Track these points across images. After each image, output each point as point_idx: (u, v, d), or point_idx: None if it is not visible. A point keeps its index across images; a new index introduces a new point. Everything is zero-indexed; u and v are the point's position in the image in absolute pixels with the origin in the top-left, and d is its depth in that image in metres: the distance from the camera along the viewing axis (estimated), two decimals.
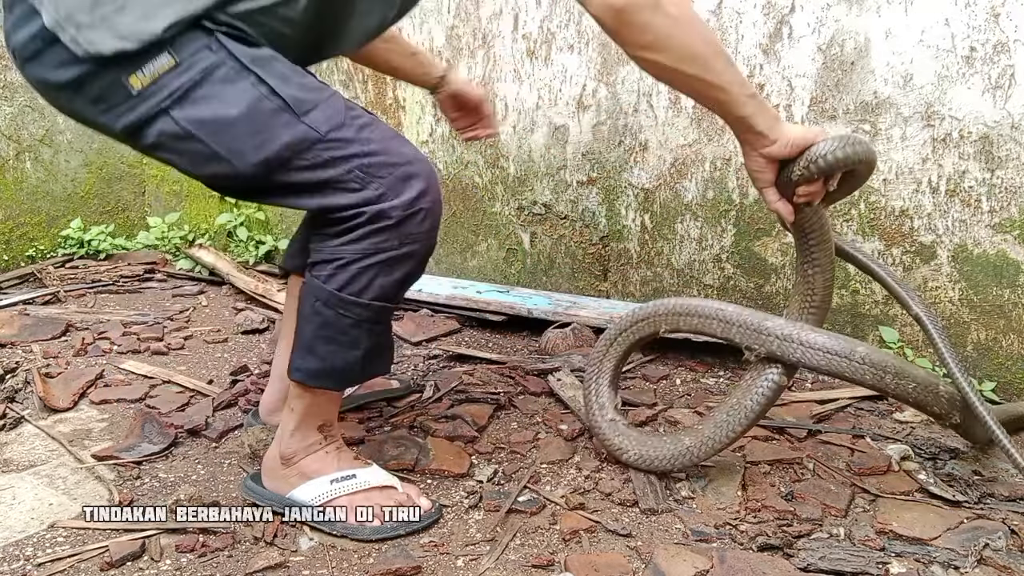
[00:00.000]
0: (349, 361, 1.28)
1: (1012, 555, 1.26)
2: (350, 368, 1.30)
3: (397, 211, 1.20)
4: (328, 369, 1.29)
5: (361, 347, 1.28)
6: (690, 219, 2.14)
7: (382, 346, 1.33)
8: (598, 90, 2.20)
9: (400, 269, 1.25)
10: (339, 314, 1.25)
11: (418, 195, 1.22)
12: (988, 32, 1.71)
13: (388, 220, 1.21)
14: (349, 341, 1.27)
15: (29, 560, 1.24)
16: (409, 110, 2.55)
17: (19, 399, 1.82)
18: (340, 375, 1.30)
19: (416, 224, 1.22)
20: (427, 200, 1.23)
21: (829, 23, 1.86)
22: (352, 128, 1.19)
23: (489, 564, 1.24)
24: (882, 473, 1.52)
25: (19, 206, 2.84)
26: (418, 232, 1.23)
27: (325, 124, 1.17)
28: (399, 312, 2.44)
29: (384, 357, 1.36)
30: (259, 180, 1.19)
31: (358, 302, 1.24)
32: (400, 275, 1.25)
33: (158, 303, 2.57)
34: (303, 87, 1.18)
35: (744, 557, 1.24)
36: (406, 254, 1.24)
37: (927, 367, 1.86)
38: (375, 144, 1.20)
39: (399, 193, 1.20)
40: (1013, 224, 1.77)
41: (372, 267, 1.22)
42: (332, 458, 1.37)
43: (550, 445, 1.61)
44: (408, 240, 1.22)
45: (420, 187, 1.22)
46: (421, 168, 1.23)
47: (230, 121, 1.14)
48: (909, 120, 1.82)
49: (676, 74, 1.22)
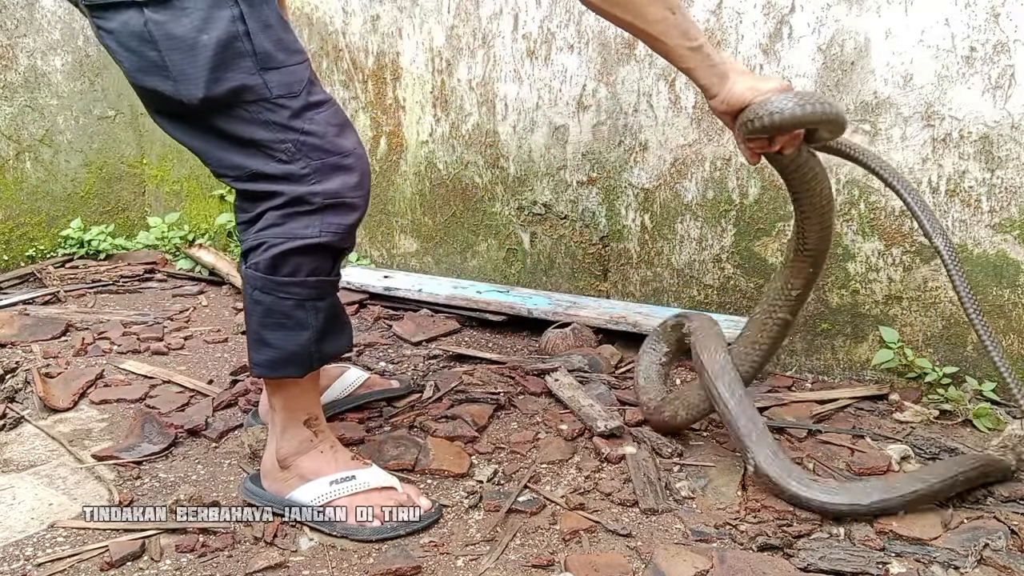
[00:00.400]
0: (302, 343, 1.26)
1: (1012, 555, 1.26)
2: (305, 351, 1.27)
3: (318, 198, 1.19)
4: (284, 356, 1.27)
5: (310, 327, 1.26)
6: (690, 219, 2.14)
7: (334, 323, 1.31)
8: (598, 90, 2.20)
9: (324, 253, 1.23)
10: (278, 298, 1.23)
11: (345, 187, 1.21)
12: (988, 32, 1.71)
13: (308, 206, 1.20)
14: (296, 323, 1.25)
15: (29, 560, 1.24)
16: (409, 110, 2.55)
17: (19, 399, 1.82)
18: (298, 360, 1.28)
19: (338, 215, 1.22)
20: (354, 195, 1.22)
21: (829, 23, 1.86)
22: (301, 101, 1.17)
23: (489, 564, 1.24)
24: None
25: (19, 206, 2.84)
26: (339, 224, 1.22)
27: (279, 87, 1.16)
28: (399, 312, 2.44)
29: (340, 334, 1.33)
30: (194, 112, 1.16)
31: (293, 281, 1.23)
32: (328, 255, 1.25)
33: (158, 303, 2.57)
34: (278, 43, 1.16)
35: (744, 557, 1.24)
36: (325, 244, 1.22)
37: (927, 366, 1.86)
38: (317, 126, 1.19)
39: (325, 180, 1.19)
40: (1013, 224, 1.77)
41: (297, 250, 1.21)
42: (328, 458, 1.36)
43: (550, 445, 1.61)
44: (329, 230, 1.21)
45: (349, 180, 1.21)
46: (356, 163, 1.22)
47: (195, 46, 1.11)
48: (909, 120, 1.82)
49: (612, 18, 1.23)
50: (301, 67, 1.19)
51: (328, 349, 1.31)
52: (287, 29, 1.19)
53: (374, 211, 2.73)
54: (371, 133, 2.66)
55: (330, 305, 1.29)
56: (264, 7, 1.15)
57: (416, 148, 2.58)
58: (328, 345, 1.31)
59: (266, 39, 1.14)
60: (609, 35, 2.14)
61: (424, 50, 2.47)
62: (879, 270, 1.92)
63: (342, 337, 1.34)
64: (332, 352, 1.32)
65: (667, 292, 2.23)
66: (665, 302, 2.23)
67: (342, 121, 1.23)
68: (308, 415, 1.36)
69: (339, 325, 1.33)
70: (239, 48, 1.13)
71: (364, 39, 2.57)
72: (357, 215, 1.24)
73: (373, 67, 2.58)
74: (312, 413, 1.36)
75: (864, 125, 1.87)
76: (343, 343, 1.35)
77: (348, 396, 1.75)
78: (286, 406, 1.34)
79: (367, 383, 1.79)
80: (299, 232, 1.20)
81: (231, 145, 1.19)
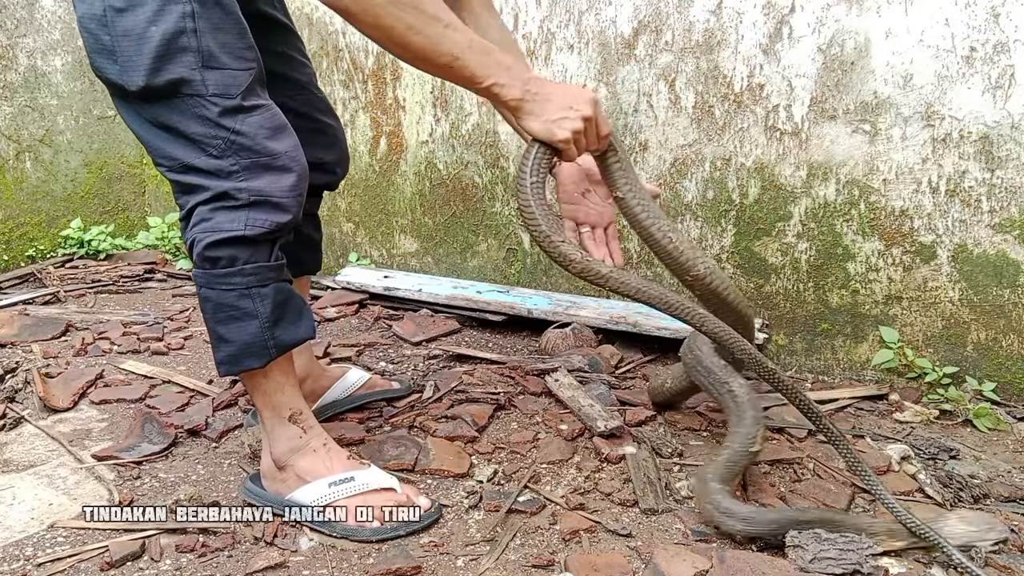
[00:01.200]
0: (254, 333, 1.27)
1: (1012, 555, 1.26)
2: (259, 340, 1.27)
3: (244, 194, 1.22)
4: (240, 349, 1.28)
5: (258, 315, 1.26)
6: (690, 219, 2.14)
7: (286, 309, 1.30)
8: (598, 90, 2.20)
9: (255, 243, 1.25)
10: (222, 291, 1.25)
11: (273, 187, 1.23)
12: (988, 32, 1.71)
13: (233, 201, 1.22)
14: (244, 313, 1.26)
15: (29, 560, 1.24)
16: (409, 110, 2.55)
17: (19, 399, 1.82)
18: (254, 350, 1.28)
19: (264, 213, 1.23)
20: (283, 196, 1.24)
21: (829, 23, 1.86)
22: (235, 103, 1.20)
23: (489, 564, 1.24)
24: (882, 473, 1.52)
25: (19, 206, 2.84)
26: (265, 220, 1.23)
27: (215, 87, 1.19)
28: (399, 312, 2.44)
29: (296, 321, 1.32)
30: (135, 98, 1.21)
31: (231, 271, 1.24)
32: (262, 244, 1.26)
33: (158, 303, 2.57)
34: (223, 46, 1.19)
35: (744, 557, 1.24)
36: (252, 237, 1.24)
37: (927, 366, 1.86)
38: (248, 128, 1.21)
39: (252, 178, 1.22)
40: (1013, 224, 1.77)
41: (226, 241, 1.23)
42: (323, 457, 1.36)
43: (550, 445, 1.61)
44: (254, 224, 1.23)
45: (280, 181, 1.23)
46: (289, 164, 1.24)
47: (143, 35, 1.16)
48: (909, 120, 1.82)
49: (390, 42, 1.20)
50: (243, 73, 1.22)
51: (284, 336, 1.30)
52: (241, 36, 1.22)
53: (374, 211, 2.73)
54: (371, 133, 2.66)
55: (276, 291, 1.28)
56: (218, 10, 1.19)
57: (416, 148, 2.58)
58: (283, 332, 1.30)
59: (212, 40, 1.18)
60: (609, 35, 2.15)
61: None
62: (879, 270, 1.92)
63: (299, 325, 1.33)
64: (289, 339, 1.31)
65: None
66: None
67: (277, 126, 1.25)
68: (291, 410, 1.35)
69: (293, 312, 1.32)
70: (184, 43, 1.17)
71: (364, 39, 2.57)
72: (287, 216, 1.25)
73: (373, 67, 2.58)
74: (295, 408, 1.36)
75: (864, 125, 1.87)
76: (301, 331, 1.33)
77: (349, 396, 1.75)
78: (266, 404, 1.35)
79: (368, 384, 1.79)
80: (224, 225, 1.22)
81: (167, 135, 1.23)
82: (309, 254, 1.66)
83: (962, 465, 1.57)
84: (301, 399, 1.38)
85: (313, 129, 1.52)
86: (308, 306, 1.37)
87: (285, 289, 1.31)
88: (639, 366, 2.05)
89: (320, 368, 1.75)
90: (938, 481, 1.50)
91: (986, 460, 1.60)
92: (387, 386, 1.83)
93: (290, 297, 1.32)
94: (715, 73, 2.02)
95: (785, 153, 1.97)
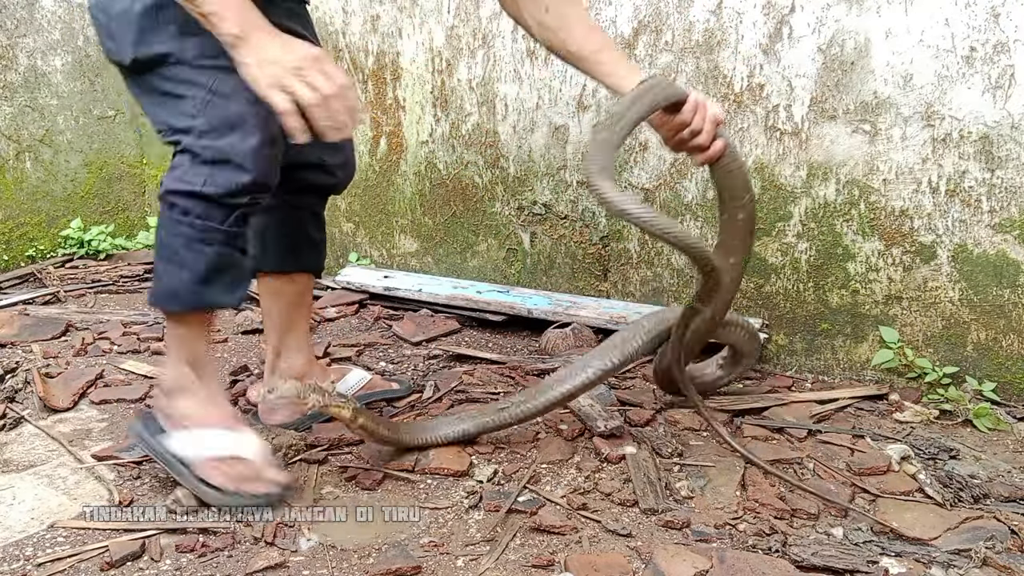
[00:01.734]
0: (183, 281, 1.32)
1: (1012, 555, 1.26)
2: (186, 289, 1.32)
3: (209, 152, 1.26)
4: (165, 289, 1.34)
5: (191, 268, 1.31)
6: (690, 219, 2.14)
7: (222, 273, 1.34)
8: (598, 90, 2.20)
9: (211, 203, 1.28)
10: (170, 234, 1.31)
11: (234, 148, 1.26)
12: (988, 32, 1.71)
13: (198, 157, 1.26)
14: (180, 261, 1.31)
15: (29, 560, 1.24)
16: (409, 110, 2.55)
17: (19, 399, 1.82)
18: (179, 297, 1.33)
19: (224, 173, 1.27)
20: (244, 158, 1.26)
21: (829, 23, 1.85)
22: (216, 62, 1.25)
23: (489, 564, 1.24)
24: (882, 473, 1.52)
25: (19, 206, 2.84)
26: (226, 180, 1.27)
27: (195, 50, 1.26)
28: (399, 312, 2.44)
29: (229, 288, 1.36)
30: (133, 70, 1.30)
31: (183, 220, 1.29)
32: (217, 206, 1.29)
33: None
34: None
35: (744, 557, 1.24)
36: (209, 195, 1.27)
37: (927, 366, 1.86)
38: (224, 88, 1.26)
39: (218, 137, 1.26)
40: (1013, 224, 1.77)
41: (185, 193, 1.28)
42: (201, 406, 1.38)
43: (550, 445, 1.61)
44: (214, 182, 1.27)
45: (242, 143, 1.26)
46: (256, 125, 1.26)
47: (128, 11, 1.26)
48: (909, 120, 1.82)
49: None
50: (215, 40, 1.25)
51: (209, 296, 1.34)
52: None
53: (374, 211, 2.73)
54: (371, 133, 2.66)
55: (217, 254, 1.32)
56: None
57: (416, 148, 2.58)
58: (210, 292, 1.34)
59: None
60: (609, 35, 2.14)
61: (424, 50, 2.47)
62: (879, 270, 1.92)
63: (231, 292, 1.37)
64: (213, 300, 1.35)
65: (667, 292, 2.23)
66: (665, 302, 2.23)
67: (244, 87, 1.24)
68: (192, 356, 1.39)
69: (228, 278, 1.35)
70: (166, 15, 1.25)
71: (364, 39, 2.57)
72: (247, 177, 1.27)
73: (373, 67, 2.58)
74: (195, 356, 1.39)
75: (864, 125, 1.87)
76: (230, 298, 1.38)
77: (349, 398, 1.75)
78: (172, 342, 1.41)
79: (369, 384, 1.79)
80: (187, 177, 1.27)
81: (160, 101, 1.30)
82: (310, 251, 1.67)
83: (962, 465, 1.57)
84: (205, 353, 1.42)
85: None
86: (248, 280, 1.42)
87: (230, 257, 1.34)
88: (639, 366, 2.05)
89: (320, 368, 1.75)
90: (938, 481, 1.50)
91: (986, 460, 1.60)
92: (387, 387, 1.83)
93: (232, 266, 1.35)
94: (715, 73, 2.02)
95: (785, 153, 1.97)
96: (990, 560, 1.24)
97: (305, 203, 1.65)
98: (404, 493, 1.45)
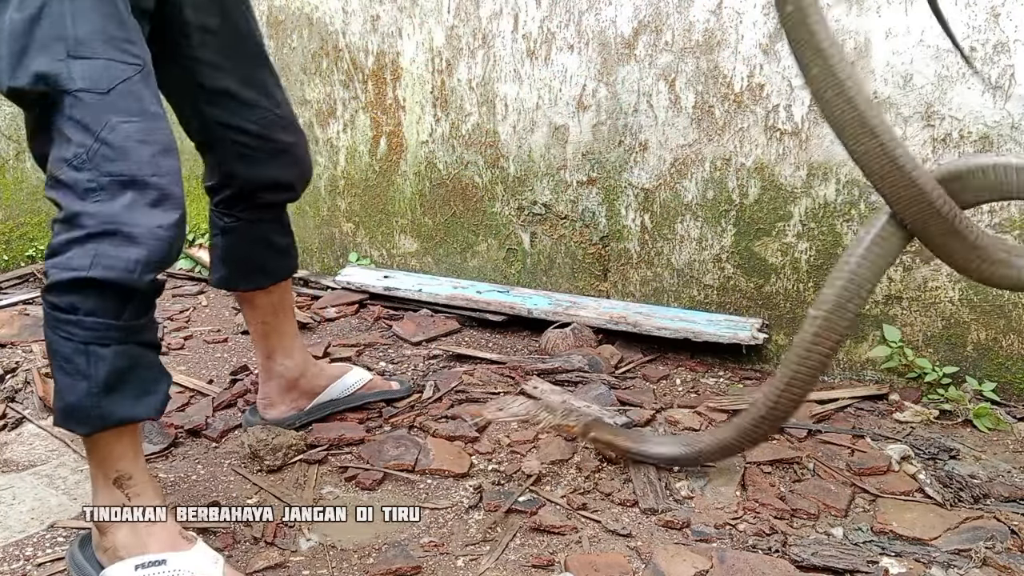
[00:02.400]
0: (81, 396, 1.07)
1: (1012, 555, 1.26)
2: (85, 405, 1.07)
3: (92, 221, 1.01)
4: (65, 407, 1.08)
5: (89, 377, 1.06)
6: (690, 219, 2.14)
7: (128, 379, 1.09)
8: (598, 90, 2.20)
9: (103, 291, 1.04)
10: (59, 337, 1.06)
11: (130, 215, 1.02)
12: (988, 32, 1.71)
13: (80, 229, 1.02)
14: (75, 370, 1.06)
15: (29, 560, 1.24)
16: (409, 110, 2.55)
17: (19, 399, 1.82)
18: (80, 415, 1.08)
19: (115, 247, 1.02)
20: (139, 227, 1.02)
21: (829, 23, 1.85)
22: (108, 103, 1.01)
23: (489, 564, 1.24)
24: (882, 473, 1.52)
25: (19, 206, 2.84)
26: (116, 257, 1.02)
27: (83, 80, 1.01)
28: (399, 312, 2.44)
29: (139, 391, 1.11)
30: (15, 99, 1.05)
31: (70, 320, 1.04)
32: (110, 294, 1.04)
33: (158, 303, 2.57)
34: (98, 32, 1.02)
35: (744, 557, 1.24)
36: (100, 280, 1.02)
37: (927, 366, 1.86)
38: (117, 136, 1.01)
39: (107, 200, 1.01)
40: (1013, 224, 1.77)
41: (69, 284, 1.03)
42: (142, 532, 1.14)
43: (550, 445, 1.61)
44: (102, 263, 1.02)
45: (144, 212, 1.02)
46: (158, 184, 1.03)
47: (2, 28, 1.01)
48: (909, 120, 1.82)
49: None
50: (120, 67, 1.03)
51: (117, 411, 1.08)
52: (121, 26, 1.05)
53: (374, 211, 2.73)
54: (371, 133, 2.66)
55: (117, 355, 1.07)
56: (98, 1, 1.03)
57: (416, 148, 2.58)
58: (114, 405, 1.08)
59: (84, 24, 1.01)
60: (609, 35, 2.15)
61: (424, 50, 2.47)
62: None
63: (144, 401, 1.11)
64: (124, 415, 1.09)
65: (667, 292, 2.23)
66: (665, 302, 2.23)
67: (156, 141, 1.05)
68: (118, 472, 1.14)
69: (137, 384, 1.10)
70: (47, 30, 1.00)
71: (364, 39, 2.57)
72: (142, 251, 1.03)
73: (373, 67, 2.58)
74: (123, 471, 1.14)
75: None
76: (139, 409, 1.11)
77: (349, 396, 1.75)
78: (93, 459, 1.15)
79: (369, 384, 1.79)
80: (73, 262, 1.02)
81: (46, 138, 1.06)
82: (277, 260, 1.55)
83: (962, 465, 1.57)
84: (136, 461, 1.16)
85: (273, 151, 1.41)
86: (165, 377, 1.16)
87: (134, 354, 1.09)
88: (639, 366, 2.05)
89: (317, 367, 1.74)
90: (938, 481, 1.50)
91: (986, 460, 1.60)
92: (387, 387, 1.83)
93: (138, 365, 1.10)
94: (715, 73, 2.02)
95: (785, 153, 1.97)
96: (990, 560, 1.24)
97: (265, 216, 1.52)
98: (404, 493, 1.45)
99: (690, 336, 2.03)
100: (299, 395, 1.67)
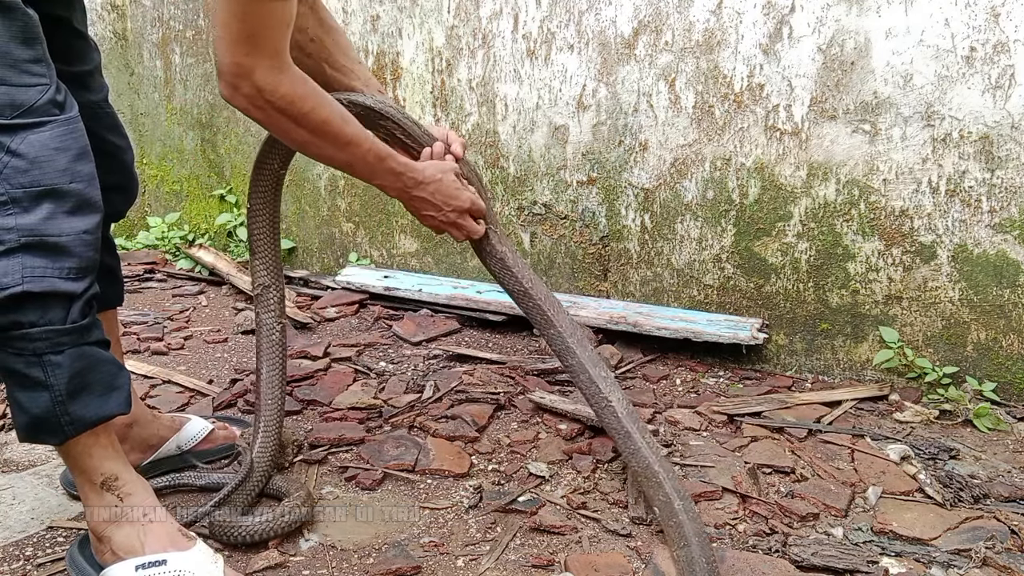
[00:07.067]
0: (46, 406, 1.06)
1: (1012, 555, 1.26)
2: (53, 415, 1.07)
3: (13, 235, 1.00)
4: (32, 421, 1.08)
5: (51, 387, 1.06)
6: (690, 219, 2.14)
7: (88, 380, 1.09)
8: (598, 90, 2.20)
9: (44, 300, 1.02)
10: (8, 355, 1.05)
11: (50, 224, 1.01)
12: (988, 32, 1.71)
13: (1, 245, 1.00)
14: (33, 383, 1.06)
15: (29, 560, 1.24)
16: (409, 110, 2.55)
17: None
18: (48, 426, 1.08)
19: (43, 258, 1.01)
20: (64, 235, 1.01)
21: (829, 23, 1.85)
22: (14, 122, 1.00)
23: (489, 564, 1.24)
24: (882, 473, 1.52)
25: None
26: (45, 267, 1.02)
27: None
28: (399, 312, 2.44)
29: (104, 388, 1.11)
30: None
31: (15, 335, 1.03)
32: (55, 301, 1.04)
33: (158, 303, 2.57)
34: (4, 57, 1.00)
35: (744, 557, 1.24)
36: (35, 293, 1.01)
37: (927, 366, 1.86)
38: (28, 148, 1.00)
39: (24, 212, 1.00)
40: (1013, 224, 1.77)
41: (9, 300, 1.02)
42: (139, 532, 1.14)
43: (550, 445, 1.61)
44: (33, 275, 1.01)
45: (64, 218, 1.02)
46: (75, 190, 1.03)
47: None
48: (909, 120, 1.82)
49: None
50: (25, 91, 1.02)
51: (84, 412, 1.08)
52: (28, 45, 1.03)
53: (374, 211, 2.73)
54: None
55: (74, 358, 1.07)
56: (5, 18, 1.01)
57: None
58: (83, 408, 1.08)
59: None
60: (609, 35, 2.15)
61: (424, 50, 2.47)
62: (879, 270, 1.92)
63: (107, 400, 1.11)
64: (91, 416, 1.09)
65: (667, 292, 2.23)
66: (665, 302, 2.23)
67: (70, 147, 1.04)
68: (104, 476, 1.14)
69: (97, 384, 1.10)
70: None
71: (364, 39, 2.57)
72: (71, 260, 1.03)
73: (373, 67, 2.58)
74: (108, 473, 1.14)
75: (864, 125, 1.87)
76: (109, 406, 1.11)
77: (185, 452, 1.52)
78: (75, 468, 1.14)
79: (210, 437, 1.56)
80: (2, 280, 1.01)
81: None
82: (108, 286, 1.38)
83: (962, 465, 1.57)
84: (118, 461, 1.16)
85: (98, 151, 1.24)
86: (124, 371, 1.16)
87: (89, 354, 1.09)
88: (639, 366, 2.05)
89: (149, 415, 1.52)
90: (938, 481, 1.50)
91: (986, 460, 1.60)
92: (231, 438, 1.59)
93: (96, 363, 1.10)
94: (715, 73, 2.02)
95: (785, 153, 1.97)
96: (990, 560, 1.24)
97: None
98: (404, 493, 1.45)
99: (690, 336, 2.03)
100: (130, 448, 1.43)
